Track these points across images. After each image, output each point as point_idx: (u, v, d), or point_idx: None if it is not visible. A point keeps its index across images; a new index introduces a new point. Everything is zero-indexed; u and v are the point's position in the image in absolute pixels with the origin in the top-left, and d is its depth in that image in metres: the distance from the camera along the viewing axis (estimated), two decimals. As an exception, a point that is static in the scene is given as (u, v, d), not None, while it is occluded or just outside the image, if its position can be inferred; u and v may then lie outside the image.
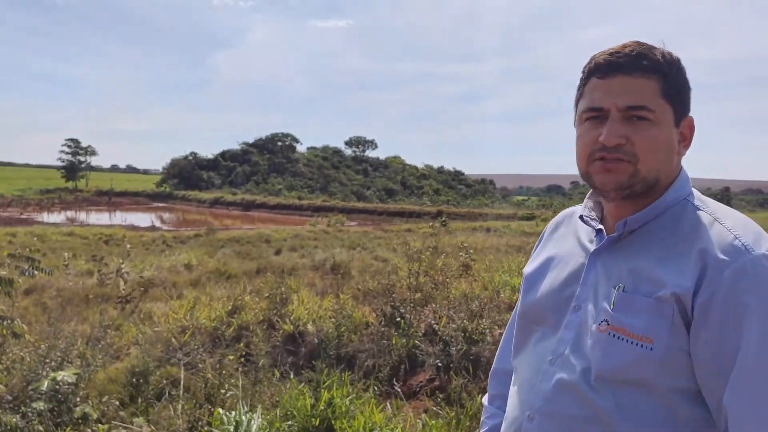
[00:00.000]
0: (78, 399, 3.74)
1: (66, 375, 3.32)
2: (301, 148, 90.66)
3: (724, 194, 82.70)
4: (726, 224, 1.04)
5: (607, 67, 1.09)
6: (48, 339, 4.57)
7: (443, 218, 27.71)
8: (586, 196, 1.27)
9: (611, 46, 1.12)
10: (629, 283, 1.07)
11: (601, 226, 1.18)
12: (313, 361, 4.65)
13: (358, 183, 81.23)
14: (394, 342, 5.03)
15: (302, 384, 4.01)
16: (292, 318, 5.71)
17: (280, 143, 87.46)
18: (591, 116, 1.12)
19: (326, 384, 3.88)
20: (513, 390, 1.26)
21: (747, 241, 1.00)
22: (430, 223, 22.56)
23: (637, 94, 1.06)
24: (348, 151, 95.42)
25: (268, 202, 58.06)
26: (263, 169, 79.98)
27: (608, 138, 1.07)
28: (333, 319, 5.59)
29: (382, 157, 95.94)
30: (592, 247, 1.18)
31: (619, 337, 1.04)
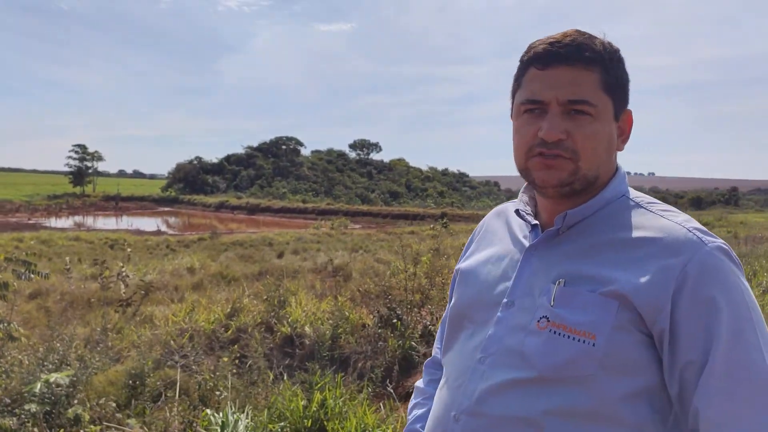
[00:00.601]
0: (76, 401, 3.80)
1: (59, 377, 3.36)
2: (305, 152, 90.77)
3: (732, 194, 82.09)
4: (675, 219, 1.02)
5: (546, 57, 1.03)
6: (47, 342, 4.63)
7: (444, 220, 27.70)
8: (521, 190, 1.22)
9: (623, 47, 1.06)
10: (570, 278, 1.02)
11: (536, 222, 1.14)
12: (307, 363, 4.69)
13: (362, 186, 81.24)
14: (390, 343, 5.06)
15: (296, 385, 4.04)
16: (289, 320, 5.75)
17: (284, 147, 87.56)
18: (529, 108, 1.06)
19: (319, 385, 3.92)
20: (440, 390, 1.18)
21: (699, 234, 0.98)
22: (432, 225, 22.55)
23: (579, 87, 1.01)
24: (352, 154, 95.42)
25: (273, 206, 58.24)
26: (268, 172, 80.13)
27: (548, 133, 1.01)
28: (330, 321, 5.63)
29: (387, 159, 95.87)
30: (527, 243, 1.13)
31: (559, 334, 0.99)
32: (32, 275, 3.62)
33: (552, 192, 1.07)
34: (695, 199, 76.35)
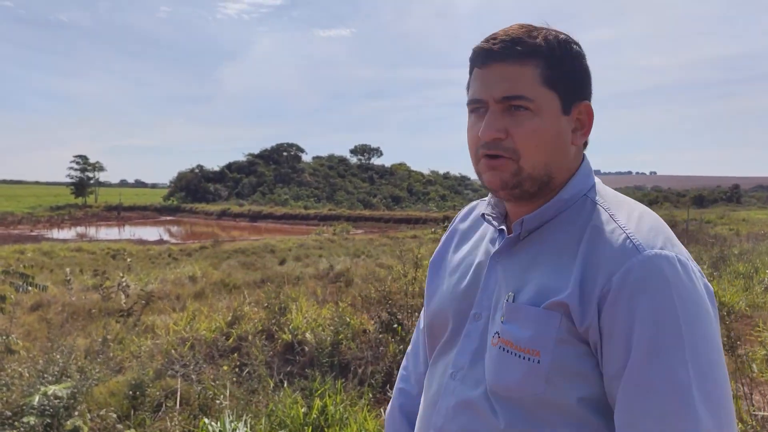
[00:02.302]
0: (76, 413, 3.79)
1: (57, 389, 3.36)
2: (306, 158, 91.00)
3: (734, 191, 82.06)
4: (620, 221, 0.95)
5: (483, 56, 1.00)
6: (47, 353, 4.63)
7: (446, 223, 27.68)
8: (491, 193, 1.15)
9: (618, 47, 0.98)
10: (520, 291, 0.99)
11: (503, 227, 1.08)
12: (307, 369, 4.68)
13: (364, 191, 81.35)
14: (390, 349, 5.05)
15: (296, 392, 4.03)
16: (290, 327, 5.74)
17: (285, 153, 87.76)
18: (474, 108, 1.03)
19: (319, 392, 3.90)
20: (421, 405, 1.15)
21: (639, 240, 0.91)
22: (433, 229, 22.56)
23: (512, 83, 0.97)
24: (353, 160, 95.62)
25: (275, 213, 58.31)
26: (269, 179, 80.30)
27: (484, 132, 0.98)
28: (331, 327, 5.62)
29: (388, 164, 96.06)
30: (493, 249, 1.09)
31: (507, 351, 0.96)
32: (30, 287, 3.62)
33: (503, 194, 1.03)
34: (697, 197, 76.30)
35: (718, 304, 6.77)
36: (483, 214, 1.15)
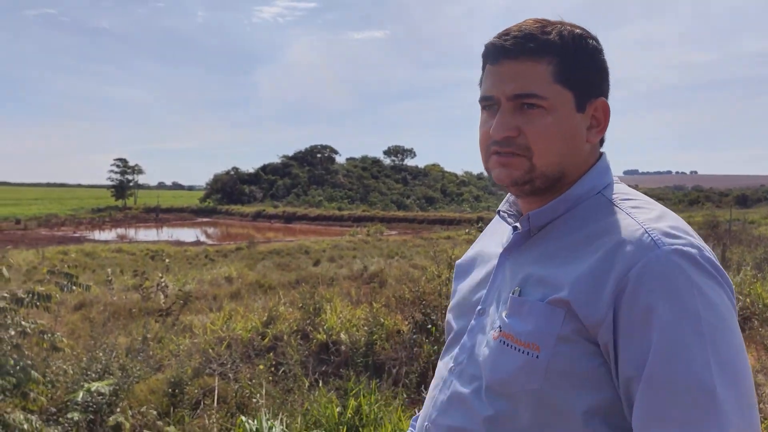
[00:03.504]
0: (118, 409, 3.89)
1: (100, 386, 3.46)
2: (340, 159, 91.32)
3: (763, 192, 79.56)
4: (638, 217, 0.92)
5: (495, 52, 0.99)
6: (90, 351, 4.77)
7: (480, 224, 27.50)
8: None
9: (659, 42, 0.94)
10: (526, 285, 0.97)
11: (517, 224, 1.05)
12: (342, 370, 4.71)
13: (397, 192, 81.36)
14: (424, 349, 5.05)
15: (331, 392, 4.06)
16: (325, 327, 5.78)
17: (319, 155, 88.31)
18: (485, 105, 1.02)
19: (354, 392, 3.93)
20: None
21: (657, 235, 0.87)
22: (467, 230, 22.41)
23: (525, 80, 0.95)
24: (387, 161, 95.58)
25: (309, 214, 58.75)
26: (303, 181, 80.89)
27: (495, 131, 0.97)
28: (365, 328, 5.65)
29: (421, 165, 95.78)
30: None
31: (508, 344, 0.94)
32: (74, 287, 3.73)
33: (513, 190, 1.03)
34: (740, 196, 74.14)
35: (761, 306, 6.60)
36: (499, 211, 1.15)
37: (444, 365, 1.09)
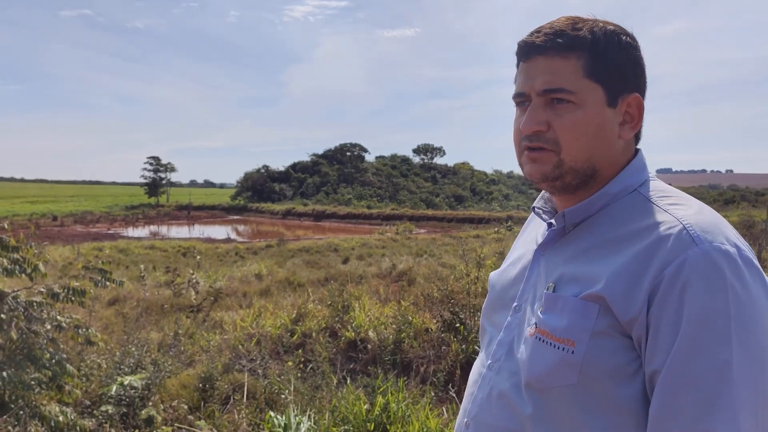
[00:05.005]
0: (150, 403, 3.97)
1: (133, 380, 3.52)
2: (369, 158, 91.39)
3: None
4: (677, 214, 0.91)
5: (526, 49, 1.00)
6: (123, 346, 4.86)
7: (509, 223, 27.29)
8: None
9: (693, 39, 0.95)
10: (561, 281, 0.98)
11: (552, 220, 1.07)
12: (370, 367, 4.72)
13: (426, 190, 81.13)
14: (452, 348, 5.03)
15: (359, 389, 4.07)
16: (353, 325, 5.80)
17: (348, 153, 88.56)
18: (518, 102, 1.04)
19: (382, 389, 3.93)
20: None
21: (696, 232, 0.87)
22: (496, 229, 22.27)
23: (554, 75, 0.97)
24: (416, 159, 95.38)
25: (339, 212, 58.93)
26: (333, 179, 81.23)
27: (525, 125, 0.99)
28: (393, 326, 5.65)
29: (451, 163, 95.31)
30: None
31: (543, 340, 0.95)
32: (108, 282, 3.81)
33: (544, 186, 1.03)
34: (778, 195, 72.12)
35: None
36: (533, 207, 1.16)
37: (481, 362, 1.12)
